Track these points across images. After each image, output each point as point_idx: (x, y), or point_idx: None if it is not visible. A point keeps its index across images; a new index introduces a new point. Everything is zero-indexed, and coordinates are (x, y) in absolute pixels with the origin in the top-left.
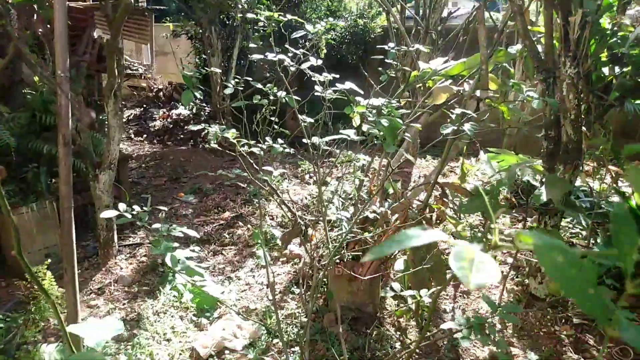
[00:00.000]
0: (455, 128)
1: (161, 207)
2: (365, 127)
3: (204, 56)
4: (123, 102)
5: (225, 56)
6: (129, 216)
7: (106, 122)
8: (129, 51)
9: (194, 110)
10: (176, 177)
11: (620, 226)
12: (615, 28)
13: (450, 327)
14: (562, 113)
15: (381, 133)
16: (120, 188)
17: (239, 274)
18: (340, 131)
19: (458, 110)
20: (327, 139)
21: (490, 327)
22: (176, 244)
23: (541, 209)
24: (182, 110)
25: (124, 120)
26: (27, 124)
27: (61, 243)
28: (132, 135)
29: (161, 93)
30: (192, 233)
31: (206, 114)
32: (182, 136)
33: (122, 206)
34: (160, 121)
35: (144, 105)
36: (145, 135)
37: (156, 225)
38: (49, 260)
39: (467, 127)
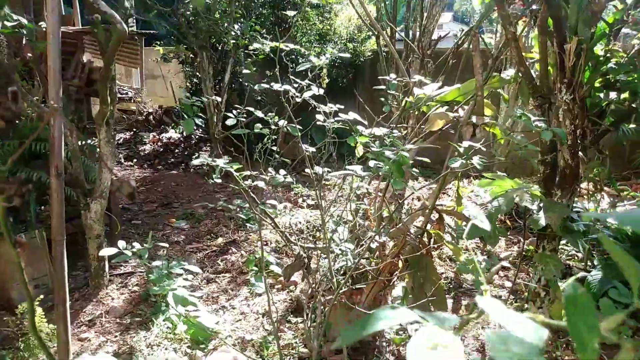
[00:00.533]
0: (464, 162)
1: (162, 244)
2: (372, 163)
3: (195, 80)
4: (114, 127)
5: (215, 80)
6: (129, 254)
7: (98, 150)
8: (118, 75)
9: (185, 134)
10: (167, 202)
11: (575, 310)
12: (608, 55)
13: None
14: (558, 139)
15: (387, 167)
16: (111, 217)
17: (233, 303)
18: (346, 167)
19: (466, 143)
20: (336, 173)
21: None
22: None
23: (539, 233)
24: (172, 134)
25: None
26: (15, 152)
27: (52, 277)
28: (122, 160)
29: (151, 117)
30: (195, 269)
31: (196, 137)
32: (172, 160)
33: (121, 243)
34: (151, 145)
35: (134, 129)
36: (135, 160)
37: (156, 263)
38: (41, 297)
39: (475, 160)
